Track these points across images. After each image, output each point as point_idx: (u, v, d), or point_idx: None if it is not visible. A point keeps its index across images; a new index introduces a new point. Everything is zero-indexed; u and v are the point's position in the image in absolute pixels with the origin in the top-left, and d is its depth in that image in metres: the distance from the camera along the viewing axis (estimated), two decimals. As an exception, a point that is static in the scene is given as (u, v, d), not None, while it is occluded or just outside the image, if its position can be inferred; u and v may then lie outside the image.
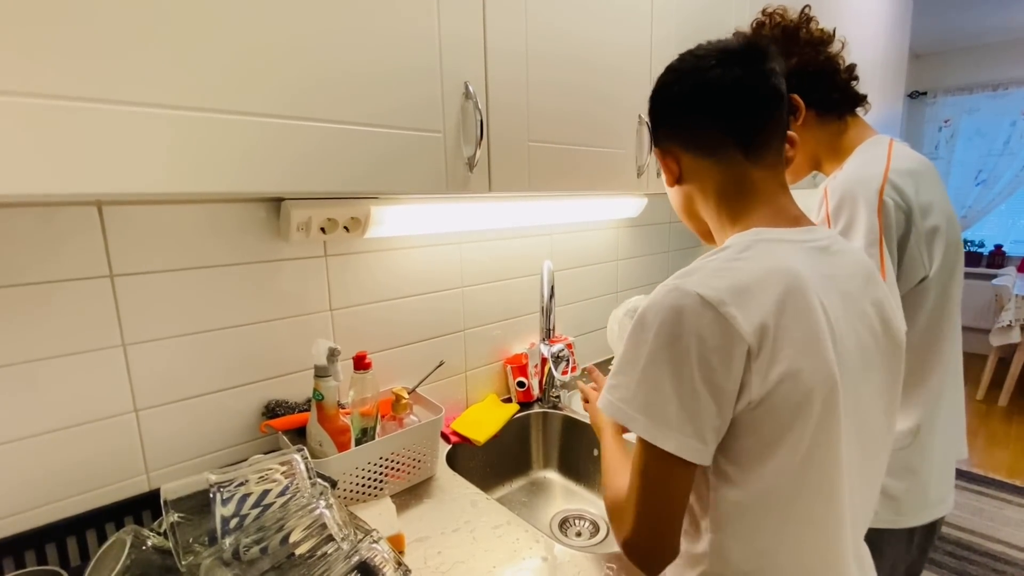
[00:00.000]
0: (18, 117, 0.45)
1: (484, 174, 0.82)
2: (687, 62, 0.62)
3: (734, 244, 0.57)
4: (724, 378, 0.51)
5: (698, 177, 0.64)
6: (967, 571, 1.99)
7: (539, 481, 1.28)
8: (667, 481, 0.53)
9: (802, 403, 0.52)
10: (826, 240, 0.60)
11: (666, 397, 0.51)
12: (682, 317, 0.51)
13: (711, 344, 0.50)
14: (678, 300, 0.52)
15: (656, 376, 0.52)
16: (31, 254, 0.71)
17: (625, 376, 0.55)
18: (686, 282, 0.53)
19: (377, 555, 0.63)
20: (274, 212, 0.90)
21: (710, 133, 0.61)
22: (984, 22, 3.51)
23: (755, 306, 0.51)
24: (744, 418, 0.52)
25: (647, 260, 1.80)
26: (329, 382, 0.85)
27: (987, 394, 3.54)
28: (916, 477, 0.90)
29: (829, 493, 0.56)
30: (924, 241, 0.85)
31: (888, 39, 2.30)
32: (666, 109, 0.65)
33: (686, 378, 0.51)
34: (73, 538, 0.77)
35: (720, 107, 0.59)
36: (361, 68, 0.66)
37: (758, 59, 0.59)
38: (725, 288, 0.51)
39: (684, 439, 0.51)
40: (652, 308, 0.53)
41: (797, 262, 0.55)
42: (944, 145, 4.28)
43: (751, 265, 0.54)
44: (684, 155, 0.64)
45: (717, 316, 0.50)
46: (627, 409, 0.54)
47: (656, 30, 1.09)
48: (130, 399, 0.81)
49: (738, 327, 0.50)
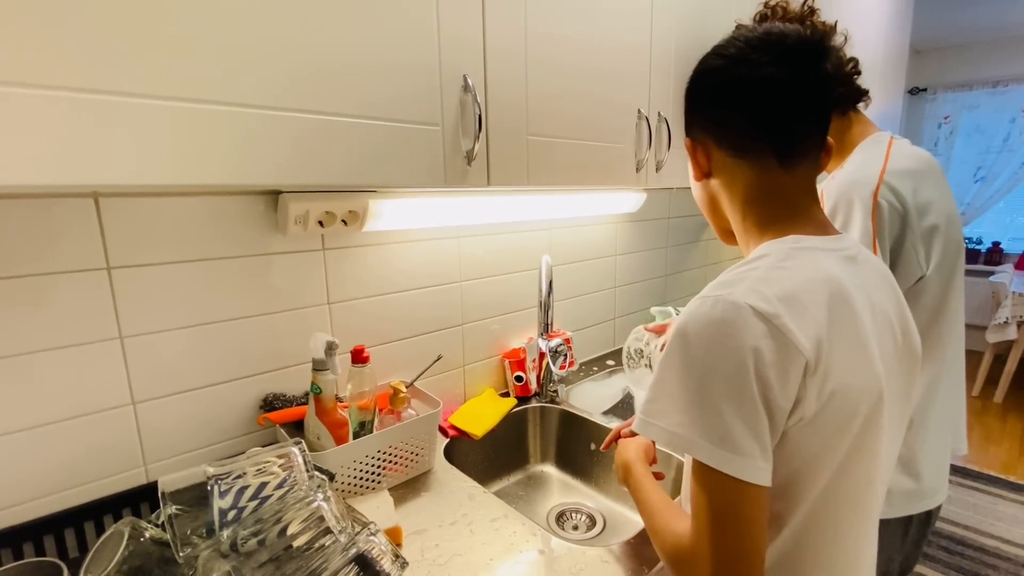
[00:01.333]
0: (13, 107, 0.44)
1: (483, 168, 0.82)
2: (739, 50, 0.56)
3: (773, 252, 0.54)
4: (780, 395, 0.46)
5: (727, 175, 0.60)
6: (961, 566, 2.01)
7: (536, 475, 1.28)
8: (743, 511, 0.47)
9: (848, 418, 0.50)
10: (853, 249, 0.58)
11: (727, 419, 0.46)
12: (735, 330, 0.46)
13: (768, 359, 0.46)
14: (727, 312, 0.47)
15: (712, 396, 0.47)
16: (28, 246, 0.70)
17: (672, 399, 0.49)
18: (732, 293, 0.48)
19: (375, 547, 0.63)
20: (272, 205, 0.90)
21: (748, 135, 0.56)
22: (985, 18, 3.50)
23: (808, 318, 0.48)
24: (789, 435, 0.49)
25: (646, 255, 1.80)
26: (327, 375, 0.85)
27: (983, 390, 3.56)
28: (908, 468, 0.91)
29: (862, 505, 0.54)
30: (921, 241, 0.85)
31: (888, 35, 2.29)
32: (704, 98, 0.60)
33: (747, 397, 0.46)
34: (71, 530, 0.77)
35: (764, 111, 0.54)
36: (358, 59, 0.66)
37: (817, 59, 0.54)
38: (777, 299, 0.48)
39: (755, 462, 0.46)
40: (697, 322, 0.49)
41: (838, 271, 0.52)
42: (943, 142, 4.28)
43: (796, 275, 0.50)
44: (716, 150, 0.60)
45: (772, 329, 0.46)
46: (685, 434, 0.48)
47: (657, 22, 1.09)
48: (128, 391, 0.80)
49: (795, 341, 0.46)
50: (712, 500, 0.48)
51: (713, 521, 0.48)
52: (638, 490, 0.66)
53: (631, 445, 0.77)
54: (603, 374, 1.55)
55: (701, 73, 0.60)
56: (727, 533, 0.47)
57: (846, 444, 0.51)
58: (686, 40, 1.17)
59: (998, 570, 1.98)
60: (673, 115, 1.16)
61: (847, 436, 0.50)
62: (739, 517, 0.47)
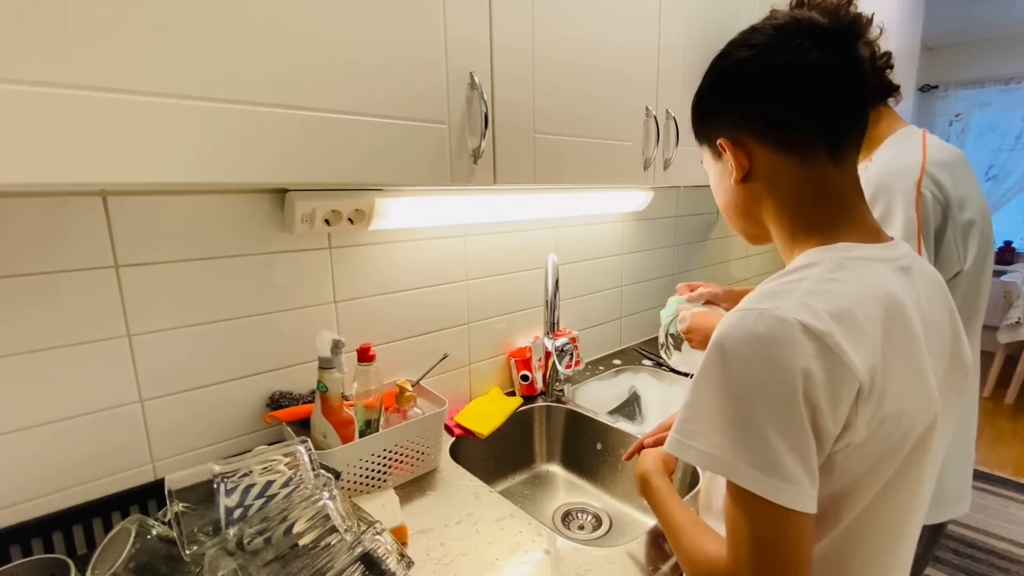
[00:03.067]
0: (23, 106, 0.44)
1: (489, 166, 0.82)
2: (771, 37, 0.52)
3: (822, 261, 0.49)
4: (829, 420, 0.43)
5: (773, 176, 0.54)
6: (972, 569, 1.99)
7: (542, 474, 1.28)
8: (789, 541, 0.44)
9: (899, 444, 0.47)
10: (908, 258, 0.53)
11: (773, 444, 0.43)
12: (783, 349, 0.43)
13: (818, 381, 0.42)
14: (774, 329, 0.43)
15: (756, 419, 0.43)
16: (38, 244, 0.71)
17: (710, 419, 0.46)
18: (779, 307, 0.44)
19: (380, 546, 0.63)
20: (278, 204, 0.90)
21: (796, 126, 0.52)
22: (997, 14, 3.45)
23: (864, 337, 0.44)
24: (834, 459, 0.46)
25: (653, 254, 1.79)
26: (333, 374, 0.85)
27: (994, 391, 3.52)
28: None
29: (899, 531, 0.52)
30: (960, 234, 0.82)
31: (900, 31, 2.26)
32: (740, 91, 0.54)
33: (796, 421, 0.43)
34: (80, 527, 0.77)
35: (815, 98, 0.50)
36: (365, 58, 0.66)
37: (855, 43, 0.51)
38: (828, 315, 0.44)
39: (803, 490, 0.43)
40: (738, 337, 0.45)
41: (894, 285, 0.49)
42: (955, 140, 4.22)
43: (849, 288, 0.46)
44: (760, 149, 0.54)
45: (823, 349, 0.43)
46: (726, 459, 0.45)
47: (665, 18, 1.08)
48: (135, 389, 0.81)
49: (849, 363, 0.43)
50: (755, 528, 0.45)
51: (755, 550, 0.45)
52: (659, 504, 0.64)
53: (649, 456, 0.75)
54: (609, 373, 1.54)
55: (731, 66, 0.55)
56: (770, 563, 0.44)
57: (892, 469, 0.48)
58: (695, 36, 1.16)
59: (1009, 573, 1.96)
60: (681, 112, 1.15)
61: (895, 461, 0.48)
62: (784, 547, 0.44)
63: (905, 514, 0.52)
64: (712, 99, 0.58)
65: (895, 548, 0.53)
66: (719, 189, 0.62)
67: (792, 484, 0.43)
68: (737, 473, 0.44)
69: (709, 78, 0.58)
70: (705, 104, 0.60)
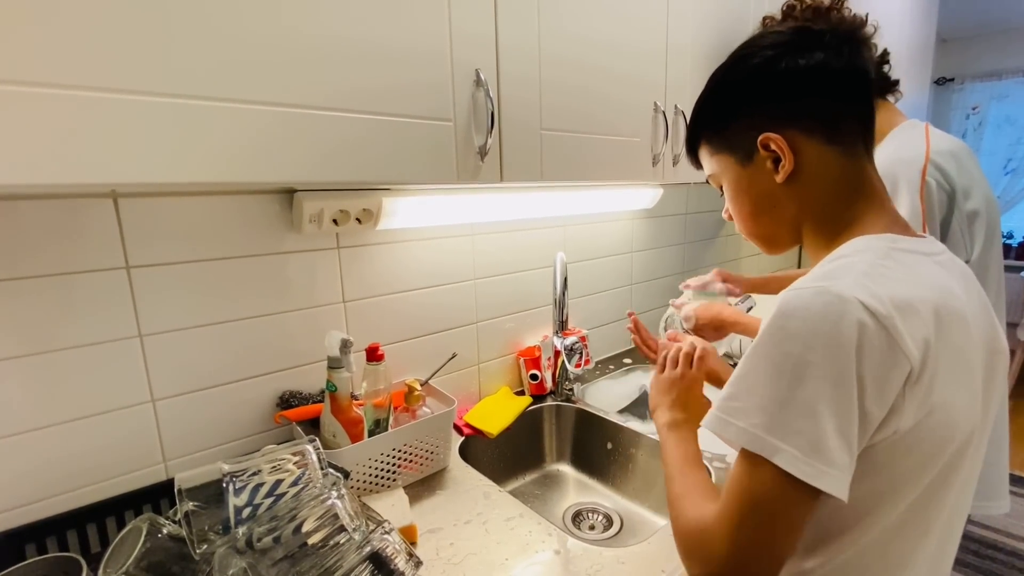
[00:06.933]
0: (27, 107, 0.45)
1: (496, 164, 0.81)
2: (794, 36, 0.53)
3: (871, 248, 0.49)
4: (875, 403, 0.43)
5: (819, 169, 0.53)
6: (991, 570, 1.95)
7: (552, 474, 1.27)
8: (791, 515, 0.44)
9: (944, 441, 0.46)
10: (945, 255, 0.53)
11: (821, 424, 0.42)
12: (841, 327, 0.42)
13: (870, 362, 0.42)
14: (834, 306, 0.43)
15: (806, 397, 0.42)
16: (50, 245, 0.71)
17: (757, 396, 0.45)
18: (838, 285, 0.44)
19: (389, 546, 0.63)
20: (286, 204, 0.90)
21: (843, 115, 0.53)
22: (1014, 5, 3.37)
23: (918, 324, 0.44)
24: (876, 450, 0.45)
25: (662, 252, 1.77)
26: (342, 373, 0.85)
27: (1014, 390, 3.45)
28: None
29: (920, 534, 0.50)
30: (966, 223, 0.82)
31: (914, 23, 2.22)
32: (782, 87, 0.53)
33: (846, 400, 0.42)
34: (93, 525, 0.78)
35: (853, 90, 0.52)
36: (371, 56, 0.65)
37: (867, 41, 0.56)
38: (887, 297, 0.43)
39: (840, 475, 0.42)
40: (798, 313, 0.44)
41: (942, 280, 0.49)
42: (972, 133, 4.14)
43: (901, 274, 0.46)
44: (806, 142, 0.53)
45: (880, 330, 0.42)
46: (768, 437, 0.43)
47: (673, 6, 1.07)
48: (147, 389, 0.82)
49: (904, 345, 0.42)
50: (761, 498, 0.44)
51: (753, 518, 0.44)
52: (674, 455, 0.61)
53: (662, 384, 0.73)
54: (619, 372, 1.53)
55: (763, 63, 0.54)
56: (765, 531, 0.44)
57: (936, 469, 0.47)
58: (705, 21, 1.15)
59: (1032, 575, 1.92)
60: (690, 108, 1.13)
61: (937, 462, 0.47)
62: (788, 519, 0.44)
63: (931, 518, 0.50)
64: (743, 98, 0.56)
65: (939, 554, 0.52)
66: (747, 195, 0.59)
67: (835, 469, 0.42)
68: (778, 454, 0.43)
69: (736, 77, 0.57)
70: (732, 105, 0.57)
